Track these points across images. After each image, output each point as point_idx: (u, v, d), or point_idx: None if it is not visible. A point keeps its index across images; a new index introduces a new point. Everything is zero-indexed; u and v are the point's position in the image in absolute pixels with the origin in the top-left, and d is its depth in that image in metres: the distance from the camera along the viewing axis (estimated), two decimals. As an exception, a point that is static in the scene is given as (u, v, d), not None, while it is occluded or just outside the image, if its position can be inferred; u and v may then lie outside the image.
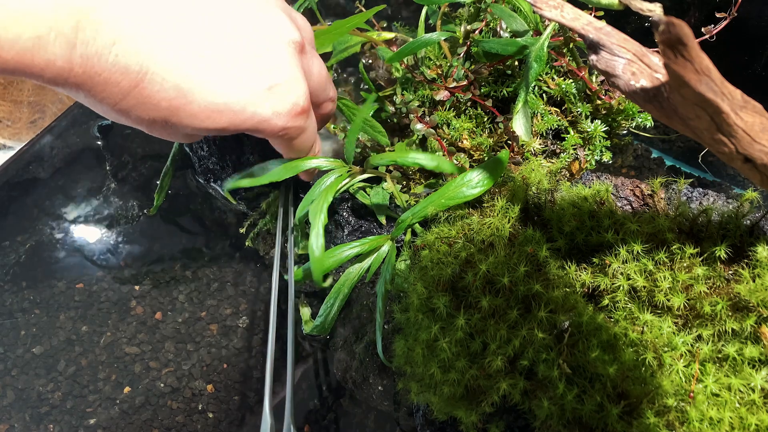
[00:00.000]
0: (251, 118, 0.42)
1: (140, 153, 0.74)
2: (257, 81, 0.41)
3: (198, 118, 0.40)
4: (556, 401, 0.36)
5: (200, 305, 0.65)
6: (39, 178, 0.74)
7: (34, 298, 0.65)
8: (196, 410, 0.59)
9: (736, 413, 0.34)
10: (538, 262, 0.40)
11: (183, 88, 0.38)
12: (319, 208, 0.46)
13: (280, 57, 0.42)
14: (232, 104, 0.41)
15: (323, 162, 0.51)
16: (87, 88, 0.36)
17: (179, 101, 0.39)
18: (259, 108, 0.42)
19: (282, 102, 0.43)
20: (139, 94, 0.37)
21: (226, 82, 0.40)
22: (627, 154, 0.64)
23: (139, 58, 0.36)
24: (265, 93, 0.42)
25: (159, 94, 0.38)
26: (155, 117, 0.39)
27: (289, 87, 0.43)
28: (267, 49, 0.42)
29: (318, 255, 0.44)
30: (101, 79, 0.35)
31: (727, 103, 0.27)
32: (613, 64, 0.33)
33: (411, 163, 0.48)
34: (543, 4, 0.35)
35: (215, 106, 0.40)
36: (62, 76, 0.34)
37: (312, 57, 0.47)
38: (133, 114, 0.39)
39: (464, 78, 0.57)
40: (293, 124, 0.45)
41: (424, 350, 0.40)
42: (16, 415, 0.58)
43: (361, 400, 0.56)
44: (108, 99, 0.37)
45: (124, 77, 0.36)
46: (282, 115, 0.43)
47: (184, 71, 0.38)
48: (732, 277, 0.38)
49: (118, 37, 0.34)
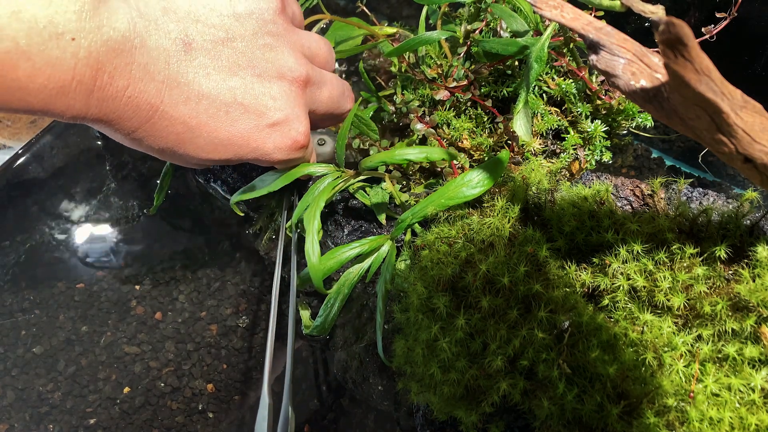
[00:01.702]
0: (254, 152, 0.46)
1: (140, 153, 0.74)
2: (259, 119, 0.45)
3: (204, 151, 0.44)
4: (556, 401, 0.36)
5: (200, 305, 0.65)
6: (39, 178, 0.74)
7: (34, 298, 0.65)
8: (196, 410, 0.59)
9: (736, 413, 0.34)
10: (538, 262, 0.40)
11: (190, 125, 0.42)
12: (312, 215, 0.47)
13: (282, 96, 0.45)
14: (235, 139, 0.44)
15: (317, 168, 0.52)
16: (102, 123, 0.40)
17: (186, 135, 0.42)
18: (261, 143, 0.46)
19: (283, 138, 0.46)
20: (150, 128, 0.41)
21: (230, 120, 0.43)
22: (627, 154, 0.64)
23: (149, 99, 0.39)
24: (268, 130, 0.45)
25: (167, 128, 0.41)
26: (164, 147, 0.43)
27: (290, 125, 0.46)
28: (269, 89, 0.45)
29: (315, 262, 0.45)
30: (115, 116, 0.39)
31: (727, 103, 0.27)
32: (613, 64, 0.33)
33: (400, 160, 0.49)
34: (543, 4, 0.35)
35: (219, 141, 0.44)
36: (80, 116, 0.38)
37: (321, 85, 0.50)
38: (145, 143, 0.42)
39: (464, 78, 0.57)
40: (292, 157, 0.48)
41: (424, 350, 0.40)
42: (16, 415, 0.58)
43: (361, 400, 0.56)
44: (121, 131, 0.41)
45: (136, 114, 0.39)
46: (282, 150, 0.47)
47: (190, 110, 0.41)
48: (732, 277, 0.38)
49: (130, 82, 0.38)
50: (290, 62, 0.46)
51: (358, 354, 0.53)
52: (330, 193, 0.51)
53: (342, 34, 0.64)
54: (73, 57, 0.34)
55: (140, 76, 0.38)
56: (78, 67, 0.35)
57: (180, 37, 0.40)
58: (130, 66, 0.37)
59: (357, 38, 0.65)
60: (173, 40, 0.40)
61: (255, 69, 0.44)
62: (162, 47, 0.39)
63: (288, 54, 0.46)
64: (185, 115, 0.41)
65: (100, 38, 0.35)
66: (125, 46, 0.37)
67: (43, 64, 0.33)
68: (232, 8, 0.43)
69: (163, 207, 0.68)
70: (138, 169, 0.74)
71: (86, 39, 0.35)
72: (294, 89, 0.46)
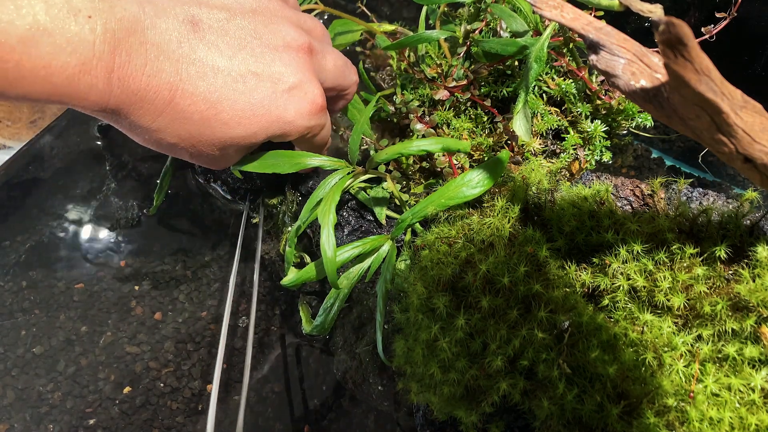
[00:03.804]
0: (277, 121, 0.46)
1: (140, 153, 0.74)
2: (275, 85, 0.45)
3: (229, 126, 0.44)
4: (556, 401, 0.36)
5: (200, 305, 0.65)
6: (39, 178, 0.74)
7: (34, 298, 0.65)
8: (196, 410, 0.59)
9: (736, 413, 0.34)
10: (538, 262, 0.40)
11: (211, 100, 0.43)
12: (327, 208, 0.46)
13: (292, 62, 0.46)
14: (256, 109, 0.45)
15: (326, 161, 0.51)
16: (125, 108, 0.40)
17: (209, 112, 0.43)
18: (282, 111, 0.46)
19: (301, 102, 0.47)
20: (173, 109, 0.42)
21: (248, 89, 0.44)
22: (627, 154, 0.64)
23: (167, 78, 0.40)
24: (286, 95, 0.46)
25: (190, 107, 0.42)
26: (191, 131, 0.43)
27: (305, 88, 0.47)
28: (278, 57, 0.46)
29: (330, 255, 0.45)
30: (137, 98, 0.40)
31: (727, 103, 0.27)
32: (613, 64, 0.33)
33: (416, 151, 0.48)
34: (543, 4, 0.35)
35: (242, 112, 0.44)
36: (104, 99, 0.39)
37: (324, 54, 0.51)
38: (170, 131, 0.43)
39: (464, 78, 0.57)
40: (315, 122, 0.49)
41: (424, 350, 0.40)
42: (16, 415, 0.58)
43: (361, 400, 0.56)
44: (145, 117, 0.41)
45: (157, 95, 0.40)
46: (304, 115, 0.47)
47: (208, 85, 0.42)
48: (732, 277, 0.38)
49: (147, 60, 0.39)
50: (292, 33, 0.47)
51: (358, 354, 0.53)
52: (342, 187, 0.50)
53: (341, 29, 0.65)
54: (91, 33, 0.36)
55: (156, 54, 0.40)
56: (97, 44, 0.36)
57: (187, 18, 0.42)
58: (144, 45, 0.39)
59: (356, 32, 0.65)
60: (181, 21, 0.42)
61: (261, 40, 0.46)
62: (172, 28, 0.41)
63: (288, 26, 0.48)
64: (205, 91, 0.42)
65: (114, 17, 0.37)
66: (138, 26, 0.38)
67: (64, 41, 0.35)
68: None
69: (163, 207, 0.68)
70: (138, 169, 0.74)
71: (101, 17, 0.36)
72: (301, 56, 0.47)
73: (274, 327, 0.64)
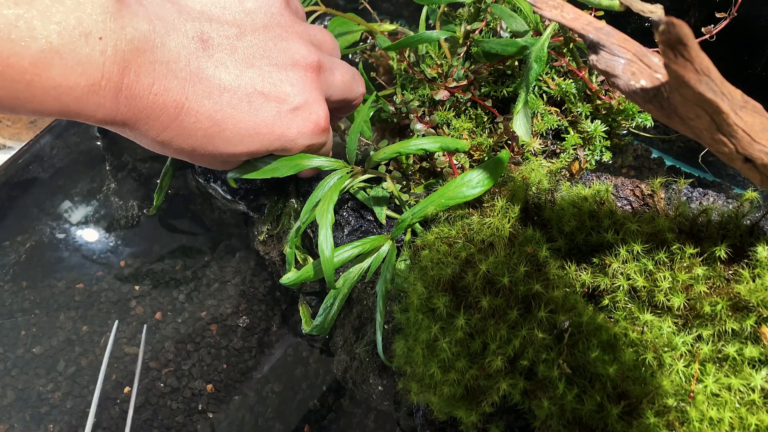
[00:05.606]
0: (279, 139, 0.47)
1: (140, 153, 0.74)
2: (281, 105, 0.46)
3: (232, 144, 0.45)
4: (556, 401, 0.36)
5: (200, 305, 0.65)
6: (39, 178, 0.74)
7: (34, 298, 0.65)
8: (196, 410, 0.59)
9: (736, 413, 0.34)
10: (538, 262, 0.40)
11: (215, 118, 0.43)
12: (325, 208, 0.46)
13: (299, 82, 0.47)
14: (260, 128, 0.45)
15: (324, 162, 0.52)
16: (131, 124, 0.41)
17: (213, 129, 0.43)
18: (285, 129, 0.47)
19: (305, 122, 0.47)
20: (178, 126, 0.42)
21: (253, 109, 0.45)
22: (627, 154, 0.64)
23: (174, 96, 0.41)
24: (290, 116, 0.46)
25: (195, 125, 0.43)
26: (194, 145, 0.44)
27: (310, 108, 0.48)
28: (286, 77, 0.46)
29: (328, 255, 0.45)
30: (144, 115, 0.40)
31: (727, 103, 0.27)
32: (613, 64, 0.33)
33: (415, 150, 0.48)
34: (543, 4, 0.35)
35: (246, 131, 0.45)
36: (110, 116, 0.39)
37: (333, 69, 0.51)
38: (174, 144, 0.43)
39: (464, 78, 0.57)
40: (316, 141, 0.49)
41: (424, 350, 0.40)
42: (16, 415, 0.58)
43: (361, 400, 0.56)
44: (150, 132, 0.42)
45: (163, 113, 0.41)
46: (306, 135, 0.48)
47: (214, 104, 0.43)
48: (732, 277, 0.38)
49: (155, 80, 0.39)
50: (302, 50, 0.47)
51: (358, 354, 0.53)
52: (340, 188, 0.50)
53: (341, 29, 0.65)
54: (101, 55, 0.36)
55: (164, 73, 0.40)
56: (106, 65, 0.37)
57: (197, 36, 0.42)
58: (153, 64, 0.39)
59: (356, 33, 0.65)
60: (190, 38, 0.42)
61: (270, 59, 0.46)
62: (181, 46, 0.41)
63: (298, 43, 0.47)
64: (210, 110, 0.43)
65: (125, 37, 0.37)
66: (147, 46, 0.39)
67: (74, 63, 0.35)
68: (242, 5, 0.46)
69: (162, 207, 0.68)
70: (138, 169, 0.74)
71: (112, 38, 0.37)
72: (309, 75, 0.48)
73: (274, 327, 0.64)
